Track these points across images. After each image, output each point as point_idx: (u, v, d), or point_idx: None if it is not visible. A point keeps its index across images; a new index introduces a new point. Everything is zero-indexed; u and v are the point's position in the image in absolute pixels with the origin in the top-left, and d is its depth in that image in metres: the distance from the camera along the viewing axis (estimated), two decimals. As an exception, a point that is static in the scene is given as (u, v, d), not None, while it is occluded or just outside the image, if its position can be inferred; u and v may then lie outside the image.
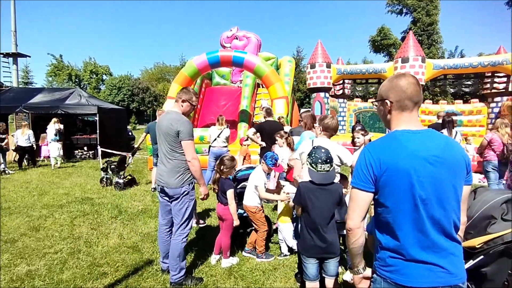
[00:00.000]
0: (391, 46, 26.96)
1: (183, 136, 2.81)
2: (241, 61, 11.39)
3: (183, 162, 2.89)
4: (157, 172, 3.03)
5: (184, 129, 2.80)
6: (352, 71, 12.63)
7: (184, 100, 2.97)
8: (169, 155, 2.88)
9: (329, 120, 2.92)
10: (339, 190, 2.31)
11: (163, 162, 2.95)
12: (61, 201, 5.91)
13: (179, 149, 2.86)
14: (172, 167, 2.88)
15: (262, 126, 5.57)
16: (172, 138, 2.83)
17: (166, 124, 2.85)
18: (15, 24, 23.68)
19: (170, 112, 2.98)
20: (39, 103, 11.76)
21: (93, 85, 35.54)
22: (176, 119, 2.84)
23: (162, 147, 2.95)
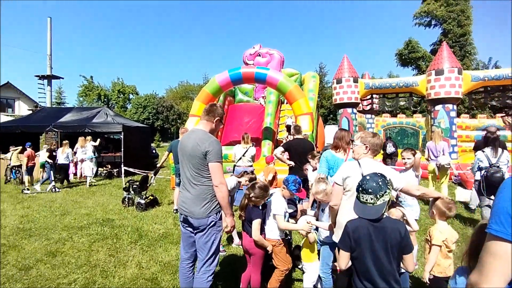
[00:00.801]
0: (420, 59, 25.97)
1: (212, 158, 2.46)
2: (263, 78, 11.19)
3: (210, 188, 2.52)
4: (180, 199, 2.68)
5: (213, 150, 2.46)
6: (381, 85, 12.05)
7: (218, 119, 2.70)
8: (194, 179, 2.53)
9: (376, 137, 2.49)
10: (400, 228, 1.81)
11: (187, 188, 2.59)
12: (82, 222, 5.71)
13: (205, 173, 2.51)
14: (198, 194, 2.52)
15: (290, 145, 5.17)
16: (198, 160, 2.49)
17: (192, 144, 2.52)
18: (50, 48, 25.20)
19: (196, 131, 2.65)
20: (67, 122, 12.07)
21: (120, 104, 36.88)
22: (204, 138, 2.51)
23: (185, 171, 2.60)
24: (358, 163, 2.42)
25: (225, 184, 2.51)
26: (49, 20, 24.94)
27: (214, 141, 2.52)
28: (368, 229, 1.78)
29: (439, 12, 24.46)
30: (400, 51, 27.12)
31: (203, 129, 2.64)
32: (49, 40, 24.97)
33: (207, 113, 2.70)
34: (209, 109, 2.71)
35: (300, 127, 5.55)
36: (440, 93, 10.53)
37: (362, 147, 2.49)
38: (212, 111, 2.69)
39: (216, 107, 2.73)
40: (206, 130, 2.64)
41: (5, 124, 12.69)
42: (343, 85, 12.41)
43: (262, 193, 2.99)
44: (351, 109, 12.50)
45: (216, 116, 2.67)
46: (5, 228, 5.35)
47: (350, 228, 1.82)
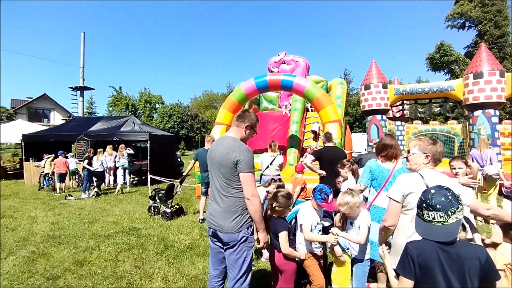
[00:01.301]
0: (453, 63, 24.64)
1: (243, 167, 2.26)
2: (290, 85, 11.00)
3: (241, 200, 2.32)
4: (208, 212, 2.50)
5: (244, 159, 2.26)
6: (413, 91, 11.45)
7: (248, 125, 2.49)
8: (224, 190, 2.34)
9: (438, 145, 2.17)
10: (479, 254, 1.46)
11: (216, 200, 2.40)
12: (109, 230, 5.70)
13: (236, 184, 2.31)
14: (227, 207, 2.32)
15: (321, 153, 4.88)
16: (228, 170, 2.30)
17: (221, 152, 2.34)
18: (83, 61, 26.53)
19: (226, 138, 2.47)
20: (97, 131, 12.43)
21: (147, 113, 38.01)
22: (235, 146, 2.32)
23: (214, 181, 2.42)
24: (420, 176, 2.09)
25: (258, 197, 2.30)
26: (83, 34, 26.32)
27: (245, 150, 2.32)
28: (437, 254, 1.46)
29: (474, 13, 23.14)
30: (431, 55, 25.86)
31: (233, 136, 2.45)
32: (82, 53, 26.30)
33: (237, 119, 2.53)
34: (240, 115, 2.54)
35: (331, 134, 5.25)
36: (480, 97, 9.81)
37: (421, 156, 2.16)
38: (242, 117, 2.51)
39: (248, 113, 2.55)
40: (237, 137, 2.45)
41: (39, 133, 13.30)
42: (372, 91, 11.94)
43: (286, 202, 2.76)
44: (381, 116, 11.96)
45: (245, 122, 2.48)
46: (36, 235, 5.42)
47: (414, 252, 1.51)
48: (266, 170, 5.90)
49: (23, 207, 7.84)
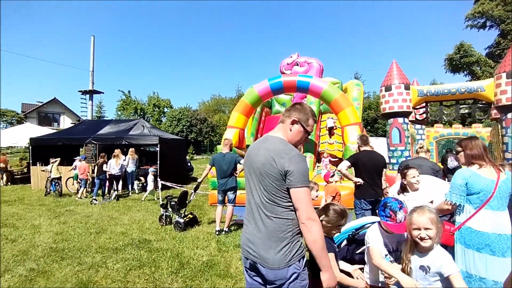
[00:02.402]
0: (474, 64, 23.72)
1: (294, 181, 1.63)
2: (306, 86, 10.45)
3: (291, 222, 1.71)
4: (245, 236, 1.88)
5: (296, 169, 1.64)
6: (438, 92, 10.72)
7: (296, 121, 1.83)
8: (267, 209, 1.73)
9: None
10: None
11: (255, 221, 1.79)
12: (117, 242, 5.16)
13: (284, 201, 1.70)
14: (272, 231, 1.71)
15: (358, 158, 4.28)
16: (273, 182, 1.69)
17: (264, 158, 1.73)
18: (93, 65, 26.41)
19: (270, 139, 1.84)
20: (106, 134, 12.03)
21: (156, 117, 37.79)
22: (282, 151, 1.71)
23: (254, 195, 1.81)
24: None
25: (318, 221, 1.66)
26: (93, 38, 26.24)
27: (297, 156, 1.68)
28: None
29: (496, 12, 22.24)
30: (450, 56, 24.92)
31: (280, 137, 1.83)
32: (92, 57, 26.19)
33: (284, 113, 1.94)
34: (288, 108, 1.94)
35: (367, 137, 4.64)
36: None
37: None
38: (289, 110, 1.90)
39: (299, 105, 1.90)
40: (284, 137, 1.84)
41: (47, 136, 12.96)
42: (393, 93, 11.23)
43: (337, 220, 2.13)
44: (403, 118, 11.27)
45: (292, 116, 1.84)
46: (37, 248, 4.92)
47: None
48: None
49: (27, 214, 7.39)
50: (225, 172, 5.55)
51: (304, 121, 1.85)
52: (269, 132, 1.97)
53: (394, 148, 11.30)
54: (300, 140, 1.87)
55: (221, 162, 5.58)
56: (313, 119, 1.88)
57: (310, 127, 1.86)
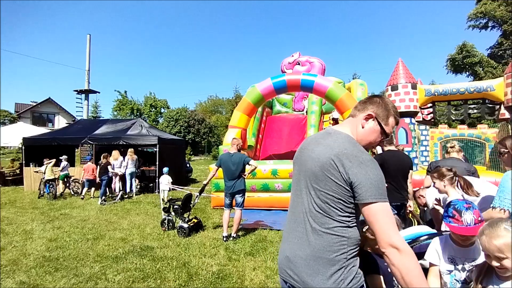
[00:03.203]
0: (477, 64, 23.60)
1: (367, 193, 1.24)
2: (310, 85, 10.10)
3: (346, 241, 1.32)
4: (283, 254, 1.48)
5: (367, 178, 1.25)
6: (446, 92, 10.49)
7: (371, 116, 1.45)
8: (316, 220, 1.34)
9: None
10: None
11: (298, 234, 1.41)
12: (117, 250, 4.76)
13: (341, 213, 1.31)
14: (321, 250, 1.32)
15: (384, 159, 3.92)
16: (330, 188, 1.31)
17: (324, 156, 1.34)
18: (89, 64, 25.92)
19: (335, 134, 1.44)
20: (102, 134, 11.59)
21: (152, 118, 37.26)
22: (350, 152, 1.31)
23: (301, 199, 1.44)
24: None
25: (404, 248, 1.19)
26: (89, 37, 25.78)
27: (369, 161, 1.29)
28: None
29: (498, 12, 22.13)
30: (452, 56, 24.77)
31: (348, 134, 1.44)
32: (88, 56, 25.71)
33: (356, 106, 1.54)
34: (362, 100, 1.55)
35: (393, 136, 4.31)
36: (526, 98, 8.85)
37: None
38: (364, 102, 1.52)
39: (377, 98, 1.50)
40: (352, 134, 1.46)
41: (41, 136, 12.45)
42: (400, 92, 10.98)
43: None
44: (409, 118, 10.99)
45: (367, 109, 1.46)
46: (29, 256, 4.50)
47: None
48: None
49: (18, 219, 6.94)
50: (233, 173, 5.18)
51: (383, 118, 1.45)
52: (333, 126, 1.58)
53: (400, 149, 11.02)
54: (373, 142, 1.49)
55: (229, 163, 5.20)
56: (395, 118, 1.49)
57: (389, 127, 1.46)
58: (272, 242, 5.05)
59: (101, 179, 8.93)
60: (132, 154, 9.89)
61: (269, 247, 4.80)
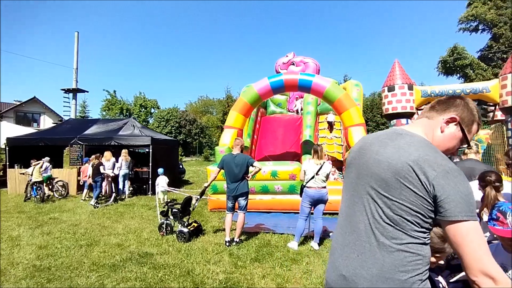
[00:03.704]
0: (467, 66, 24.07)
1: (455, 209, 1.05)
2: (308, 85, 9.97)
3: (421, 260, 1.14)
4: (336, 270, 1.29)
5: (456, 192, 1.06)
6: (443, 93, 10.53)
7: (455, 120, 1.26)
8: (385, 233, 1.16)
9: None
10: None
11: (359, 249, 1.23)
12: (114, 257, 4.47)
13: (416, 227, 1.13)
14: (391, 269, 1.13)
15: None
16: (406, 197, 1.12)
17: (396, 160, 1.16)
18: (77, 62, 25.18)
19: (408, 136, 1.26)
20: (93, 135, 11.16)
21: (142, 118, 36.61)
22: (433, 159, 1.12)
23: (362, 206, 1.25)
24: None
25: (501, 278, 1.00)
26: (77, 34, 25.04)
27: (456, 171, 1.10)
28: None
29: (488, 15, 22.64)
30: (444, 58, 25.20)
31: (420, 135, 1.26)
32: (76, 54, 24.98)
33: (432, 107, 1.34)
34: (441, 100, 1.35)
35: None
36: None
37: None
38: (444, 103, 1.32)
39: (464, 102, 1.30)
40: (428, 137, 1.27)
41: (27, 136, 11.89)
42: (396, 93, 10.97)
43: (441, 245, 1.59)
44: (406, 119, 10.99)
45: (449, 111, 1.27)
46: (17, 266, 4.16)
47: None
48: (311, 181, 4.77)
49: (3, 224, 6.53)
50: (236, 175, 4.95)
51: (467, 124, 1.26)
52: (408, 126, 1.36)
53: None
54: (451, 150, 1.29)
55: (232, 165, 4.97)
56: (478, 125, 1.29)
57: (471, 134, 1.28)
58: (278, 247, 4.85)
59: (95, 181, 8.55)
60: (127, 155, 9.55)
61: (275, 252, 4.60)
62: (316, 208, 4.90)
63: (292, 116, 14.42)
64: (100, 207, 8.26)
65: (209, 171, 7.81)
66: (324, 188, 4.82)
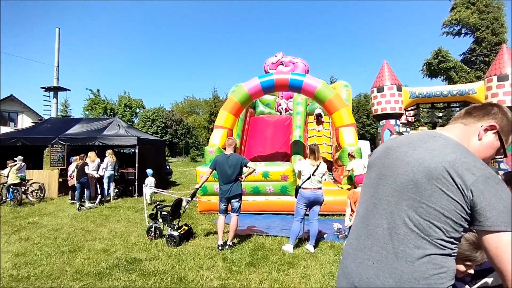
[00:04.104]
0: (451, 69, 24.74)
1: (496, 219, 0.93)
2: (299, 85, 9.91)
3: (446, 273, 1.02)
4: (349, 278, 1.17)
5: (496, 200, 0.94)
6: (430, 94, 10.70)
7: (494, 128, 1.16)
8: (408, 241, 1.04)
9: None
10: None
11: (374, 255, 1.11)
12: (99, 264, 4.19)
13: (445, 236, 1.01)
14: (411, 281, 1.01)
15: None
16: (440, 200, 1.00)
17: (430, 161, 1.05)
18: (58, 60, 24.25)
19: (441, 139, 1.14)
20: (75, 134, 10.69)
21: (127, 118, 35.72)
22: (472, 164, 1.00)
23: (382, 209, 1.13)
24: None
25: None
26: (58, 30, 24.11)
27: (495, 178, 0.99)
28: None
29: (471, 19, 23.41)
30: (428, 61, 25.86)
31: (455, 140, 1.14)
32: (57, 51, 24.05)
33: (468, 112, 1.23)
34: (477, 106, 1.24)
35: None
36: (506, 101, 9.16)
37: None
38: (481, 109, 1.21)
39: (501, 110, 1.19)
40: (463, 142, 1.14)
41: (3, 136, 11.24)
42: (385, 94, 11.05)
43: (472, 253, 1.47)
44: (395, 120, 11.09)
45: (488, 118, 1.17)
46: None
47: None
48: (306, 182, 4.63)
49: (-23, 229, 6.09)
50: (229, 177, 4.76)
51: (507, 134, 1.17)
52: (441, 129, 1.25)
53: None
54: (487, 159, 1.19)
55: (225, 165, 4.78)
56: None
57: (508, 144, 1.19)
58: (272, 250, 4.69)
59: (80, 182, 8.16)
60: (112, 155, 9.18)
61: (269, 255, 4.44)
62: (311, 209, 4.77)
63: (281, 116, 14.34)
64: (83, 210, 7.87)
65: (198, 172, 7.58)
66: (320, 189, 4.70)
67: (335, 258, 4.30)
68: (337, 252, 4.53)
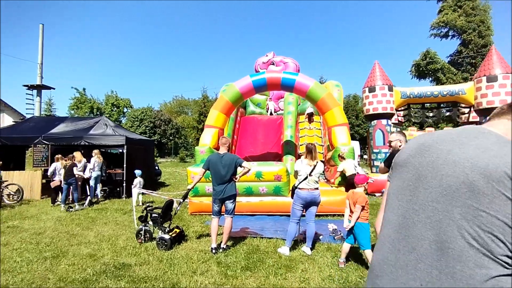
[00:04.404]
0: (439, 71, 25.30)
1: None
2: (291, 84, 9.80)
3: None
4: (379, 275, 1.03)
5: None
6: (421, 94, 10.77)
7: None
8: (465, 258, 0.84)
9: None
10: None
11: (419, 275, 0.92)
12: (85, 270, 3.94)
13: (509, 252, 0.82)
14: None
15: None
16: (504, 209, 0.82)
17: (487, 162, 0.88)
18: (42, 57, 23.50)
19: (492, 136, 0.97)
20: (60, 134, 10.26)
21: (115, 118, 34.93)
22: None
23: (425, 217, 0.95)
24: None
25: None
26: (41, 26, 23.37)
27: None
28: None
29: (458, 22, 23.94)
30: (417, 62, 26.36)
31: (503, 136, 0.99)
32: (41, 48, 23.31)
33: None
34: None
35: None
36: (495, 101, 9.29)
37: None
38: None
39: None
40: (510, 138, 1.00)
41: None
42: (377, 94, 11.07)
43: None
44: (386, 120, 11.12)
45: None
46: (-33, 286, 3.54)
47: None
48: (303, 183, 4.49)
49: (-47, 234, 5.70)
50: (223, 177, 4.58)
51: None
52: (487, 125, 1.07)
53: (377, 150, 11.11)
54: None
55: (218, 165, 4.60)
56: None
57: None
58: (268, 253, 4.53)
59: (68, 182, 7.84)
60: (99, 155, 8.86)
61: (265, 258, 4.28)
62: (308, 210, 4.64)
63: (272, 116, 14.23)
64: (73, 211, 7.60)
65: (189, 172, 7.35)
66: (317, 190, 4.58)
67: (333, 260, 4.18)
68: (334, 254, 4.41)
